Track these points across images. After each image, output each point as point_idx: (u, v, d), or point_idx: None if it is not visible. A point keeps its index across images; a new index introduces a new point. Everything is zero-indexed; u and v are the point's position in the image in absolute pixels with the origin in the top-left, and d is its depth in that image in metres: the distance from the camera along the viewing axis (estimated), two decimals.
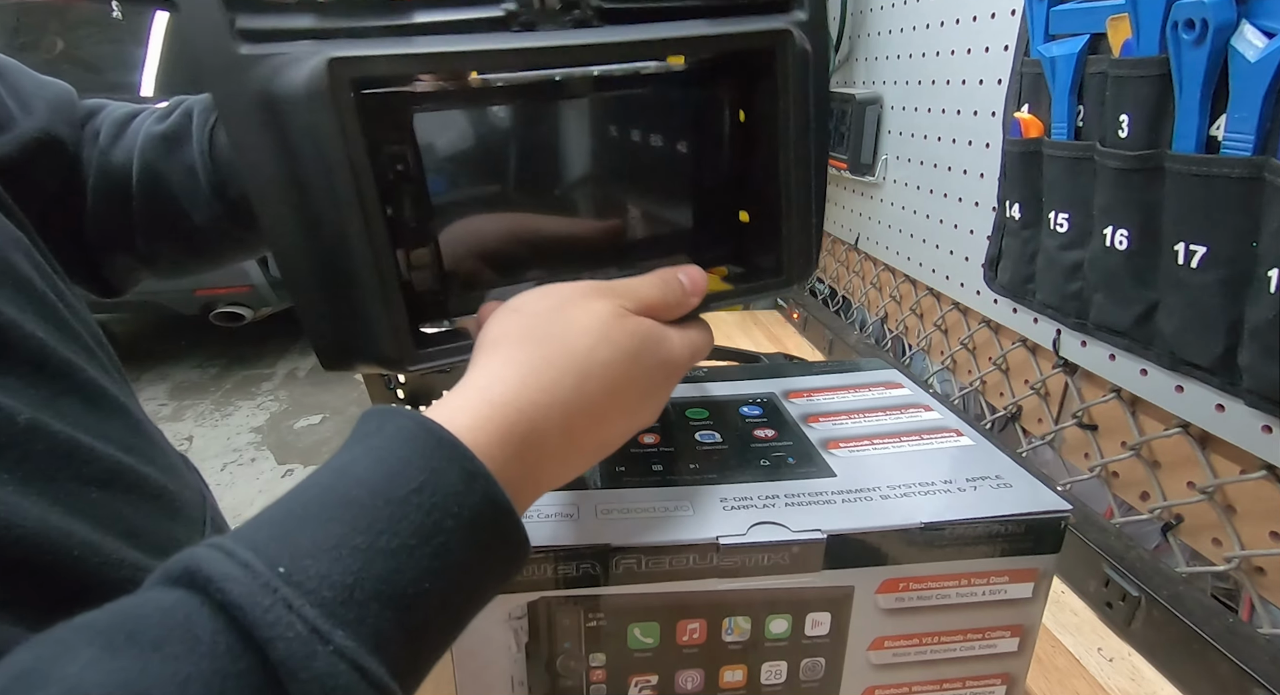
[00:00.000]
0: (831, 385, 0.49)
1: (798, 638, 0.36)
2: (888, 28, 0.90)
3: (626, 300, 0.31)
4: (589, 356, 0.28)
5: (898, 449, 0.41)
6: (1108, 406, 0.61)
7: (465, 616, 0.24)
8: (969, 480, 0.38)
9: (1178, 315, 0.49)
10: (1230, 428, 0.48)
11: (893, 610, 0.36)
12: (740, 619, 0.35)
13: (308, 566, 0.20)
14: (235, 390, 2.70)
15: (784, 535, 0.34)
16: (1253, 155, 0.43)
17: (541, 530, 0.33)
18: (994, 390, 0.77)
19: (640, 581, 0.34)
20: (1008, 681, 0.39)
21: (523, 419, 0.26)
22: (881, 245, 0.96)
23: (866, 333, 1.05)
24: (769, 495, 0.36)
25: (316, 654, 0.19)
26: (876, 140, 0.94)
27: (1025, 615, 0.37)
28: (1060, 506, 0.36)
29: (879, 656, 0.37)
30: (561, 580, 0.33)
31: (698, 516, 0.35)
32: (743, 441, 0.41)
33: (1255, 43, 0.42)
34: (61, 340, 0.30)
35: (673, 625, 0.35)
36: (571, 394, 0.27)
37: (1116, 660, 0.50)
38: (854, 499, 0.36)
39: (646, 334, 0.30)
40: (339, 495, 0.22)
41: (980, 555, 0.36)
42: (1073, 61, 0.55)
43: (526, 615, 0.34)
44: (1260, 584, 0.49)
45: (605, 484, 0.37)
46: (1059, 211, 0.59)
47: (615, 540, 0.33)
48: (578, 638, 0.35)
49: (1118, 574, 0.53)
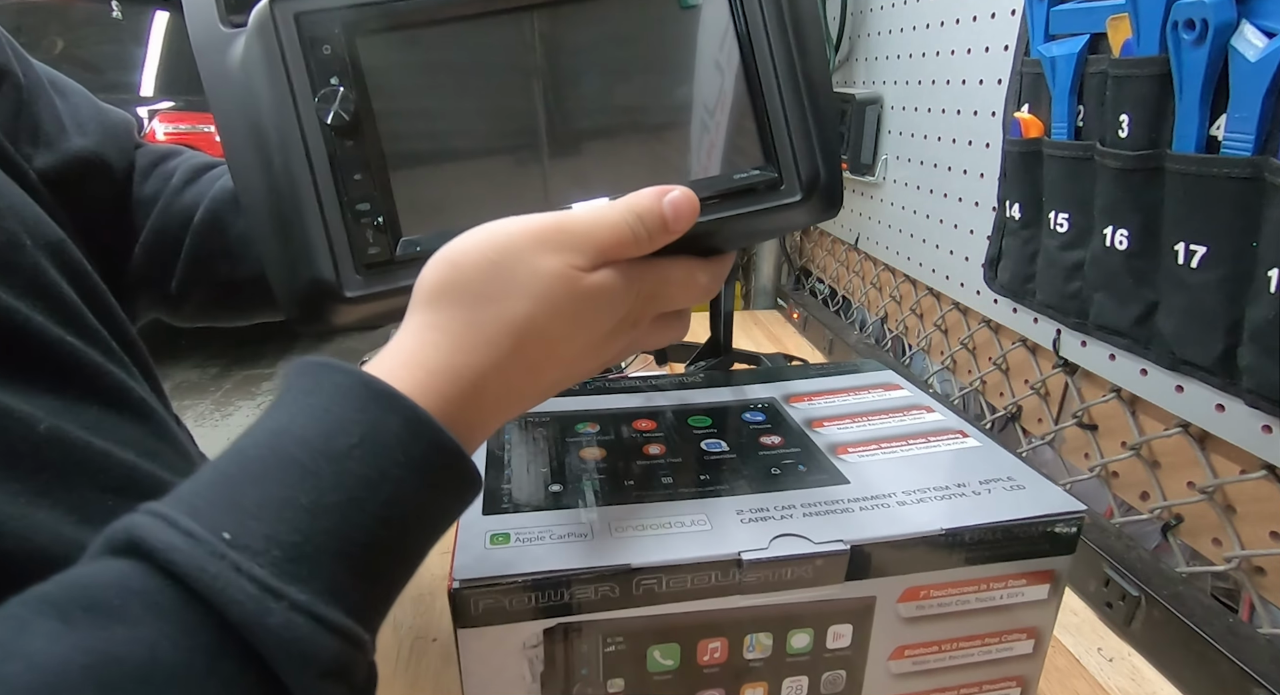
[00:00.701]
0: (831, 388, 0.49)
1: (819, 651, 0.35)
2: (888, 28, 0.90)
3: (579, 255, 0.28)
4: (528, 323, 0.27)
5: (906, 452, 0.41)
6: (1108, 406, 0.61)
7: (423, 552, 0.25)
8: (982, 483, 0.37)
9: (1178, 315, 0.49)
10: (1230, 428, 0.48)
11: (913, 618, 0.36)
12: (762, 635, 0.34)
13: (253, 529, 0.20)
14: (235, 390, 2.70)
15: (807, 548, 0.33)
16: (1253, 155, 0.43)
17: (556, 553, 0.32)
18: (994, 390, 0.77)
19: (661, 602, 0.32)
20: (1022, 684, 0.39)
21: (460, 381, 0.26)
22: (881, 245, 0.96)
23: (866, 333, 1.05)
24: (785, 505, 0.35)
25: (271, 611, 0.19)
26: (876, 140, 0.94)
27: (1040, 617, 0.37)
28: (1075, 507, 0.35)
29: (899, 666, 0.37)
30: (579, 605, 0.32)
31: (716, 531, 0.33)
32: (750, 449, 0.41)
33: (1255, 43, 0.42)
34: (87, 344, 0.30)
35: (693, 645, 0.34)
36: (508, 357, 0.26)
37: (1116, 660, 0.50)
38: (871, 506, 0.35)
39: (595, 297, 0.28)
40: (280, 455, 0.22)
41: (1000, 559, 0.35)
42: (1073, 61, 0.55)
43: (542, 643, 0.32)
44: (1260, 584, 0.49)
45: (616, 499, 0.36)
46: (1059, 211, 0.59)
47: (635, 560, 0.32)
48: (595, 664, 0.33)
49: (1118, 574, 0.53)
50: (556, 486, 0.36)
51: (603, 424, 0.43)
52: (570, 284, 0.27)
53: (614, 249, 0.29)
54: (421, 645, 0.51)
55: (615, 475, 0.38)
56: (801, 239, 1.25)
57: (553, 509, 0.35)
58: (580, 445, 0.40)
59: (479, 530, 0.33)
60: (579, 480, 0.37)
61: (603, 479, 0.37)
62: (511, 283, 0.27)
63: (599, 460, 0.39)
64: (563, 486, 0.36)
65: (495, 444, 0.40)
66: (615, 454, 0.40)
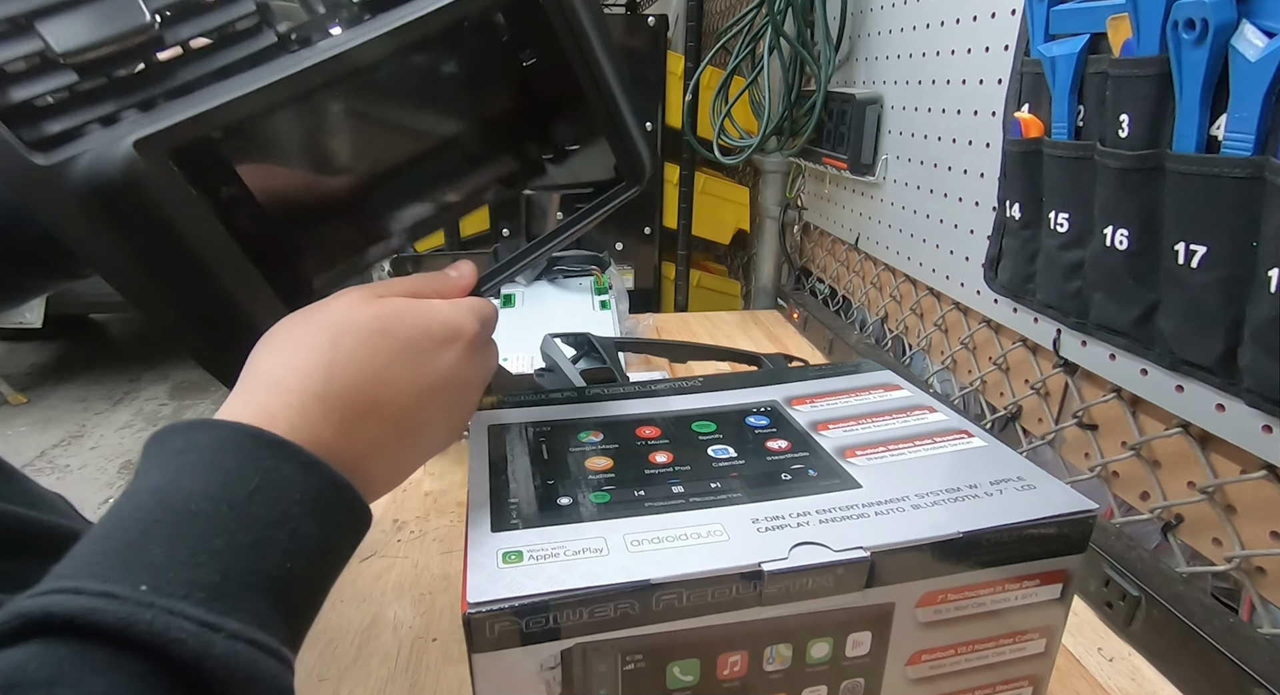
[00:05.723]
0: (831, 389, 0.48)
1: (838, 660, 0.35)
2: (888, 28, 0.90)
3: (379, 288, 0.32)
4: (332, 348, 0.29)
5: (914, 454, 0.40)
6: (1108, 406, 0.61)
7: (328, 585, 0.27)
8: (993, 484, 0.37)
9: (1178, 315, 0.49)
10: (1230, 428, 0.48)
11: (931, 623, 0.35)
12: (782, 647, 0.34)
13: (172, 579, 0.21)
14: None
15: (827, 556, 0.32)
16: (1253, 155, 0.43)
17: (572, 571, 0.31)
18: (994, 390, 0.77)
19: (681, 617, 0.32)
20: (1034, 683, 0.39)
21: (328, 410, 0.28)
22: (881, 245, 0.96)
23: (866, 333, 1.05)
24: (800, 512, 0.35)
25: (214, 642, 0.21)
26: (876, 140, 0.94)
27: (1053, 616, 0.37)
28: (1087, 506, 0.35)
29: (916, 671, 0.36)
30: (597, 624, 0.31)
31: (734, 541, 0.33)
32: (758, 455, 0.40)
33: (1256, 42, 0.42)
34: None
35: (713, 660, 0.33)
36: (323, 385, 0.28)
37: (1116, 660, 0.50)
38: (886, 511, 0.35)
39: (393, 309, 0.31)
40: (177, 512, 0.23)
41: (1016, 560, 0.35)
42: (1073, 61, 0.55)
43: (560, 665, 0.31)
44: (1260, 584, 0.49)
45: (628, 511, 0.35)
46: (1059, 211, 0.59)
47: (655, 575, 0.31)
48: (614, 683, 0.32)
49: (1118, 574, 0.53)
50: (565, 499, 0.36)
51: (606, 432, 0.42)
52: (364, 304, 0.31)
53: (412, 290, 0.34)
54: (421, 645, 0.51)
55: (624, 486, 0.37)
56: (802, 239, 1.26)
57: (564, 523, 0.34)
58: (585, 455, 0.40)
59: (490, 548, 0.32)
60: (588, 492, 0.37)
61: (612, 490, 0.37)
62: (309, 322, 0.30)
63: (606, 471, 0.39)
64: (572, 500, 0.36)
65: (498, 456, 0.40)
66: (622, 463, 0.39)
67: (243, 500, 0.24)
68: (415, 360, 0.31)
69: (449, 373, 0.32)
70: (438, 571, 0.59)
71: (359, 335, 0.29)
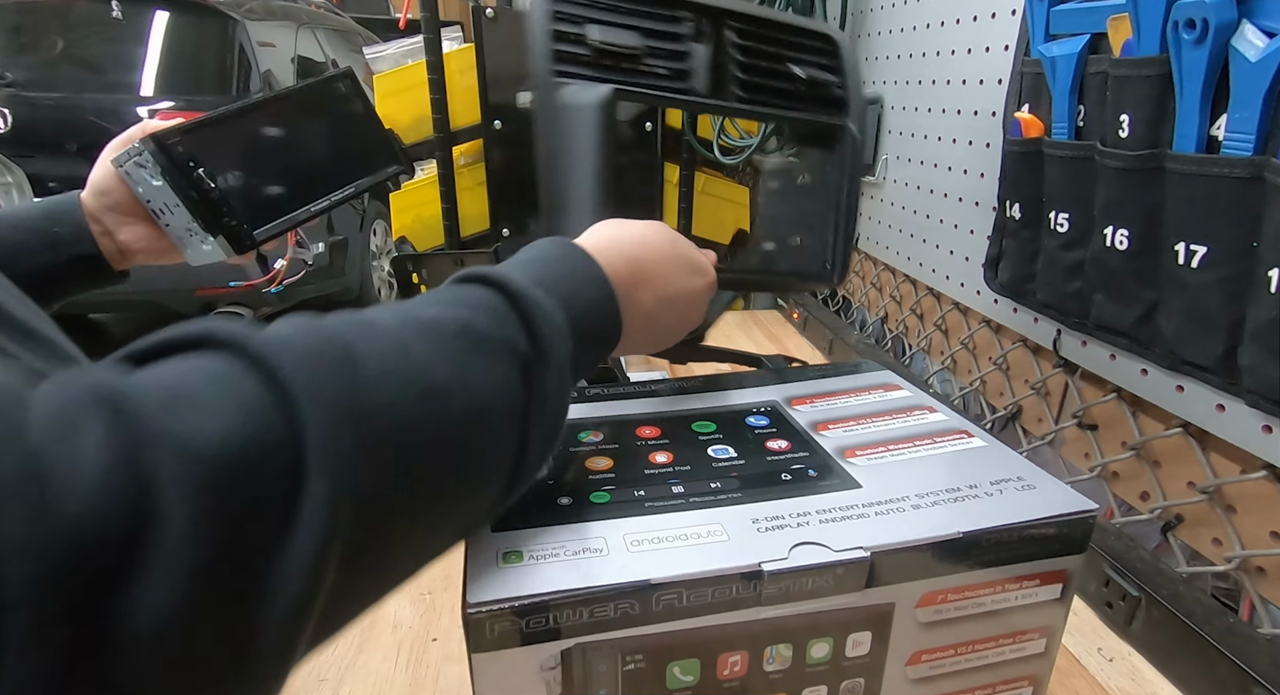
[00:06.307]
0: (831, 390, 0.48)
1: (838, 660, 0.35)
2: (888, 28, 0.90)
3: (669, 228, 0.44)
4: (643, 237, 0.40)
5: (914, 454, 0.40)
6: (1108, 406, 0.61)
7: (590, 367, 0.36)
8: (993, 483, 0.37)
9: (1178, 315, 0.49)
10: (1230, 428, 0.48)
11: (931, 623, 0.35)
12: (782, 646, 0.34)
13: (556, 293, 0.32)
14: None
15: (828, 556, 0.32)
16: (1253, 155, 0.43)
17: (573, 571, 0.31)
18: (994, 390, 0.77)
19: (681, 617, 0.31)
20: (1034, 683, 0.39)
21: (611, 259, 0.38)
22: (881, 245, 0.96)
23: (866, 333, 1.05)
24: (800, 512, 0.35)
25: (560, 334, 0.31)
26: (877, 140, 0.94)
27: (1053, 616, 0.37)
28: (1087, 505, 0.35)
29: (916, 671, 0.36)
30: (597, 624, 0.31)
31: (734, 541, 0.33)
32: (758, 455, 0.40)
33: (1256, 43, 0.42)
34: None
35: (713, 660, 0.33)
36: (633, 251, 0.39)
37: (1116, 660, 0.50)
38: (886, 511, 0.35)
39: (681, 238, 0.43)
40: (528, 262, 0.34)
41: (1017, 560, 0.35)
42: (1073, 61, 0.55)
43: (560, 665, 0.31)
44: (1260, 584, 0.49)
45: (628, 511, 0.35)
46: (1059, 211, 0.59)
47: (655, 575, 0.31)
48: (614, 683, 0.32)
49: (1118, 574, 0.53)
50: (566, 499, 0.36)
51: (606, 432, 0.42)
52: (667, 229, 0.42)
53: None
54: (421, 645, 0.51)
55: (624, 486, 0.37)
56: None
57: (564, 523, 0.34)
58: (586, 455, 0.40)
59: (490, 548, 0.32)
60: (588, 492, 0.36)
61: (612, 490, 0.37)
62: (635, 224, 0.41)
63: (606, 471, 0.39)
64: (572, 499, 0.36)
65: None
66: (622, 463, 0.39)
67: (571, 272, 0.34)
68: (680, 270, 0.41)
69: (691, 292, 0.41)
70: (438, 571, 0.59)
71: (659, 236, 0.41)
